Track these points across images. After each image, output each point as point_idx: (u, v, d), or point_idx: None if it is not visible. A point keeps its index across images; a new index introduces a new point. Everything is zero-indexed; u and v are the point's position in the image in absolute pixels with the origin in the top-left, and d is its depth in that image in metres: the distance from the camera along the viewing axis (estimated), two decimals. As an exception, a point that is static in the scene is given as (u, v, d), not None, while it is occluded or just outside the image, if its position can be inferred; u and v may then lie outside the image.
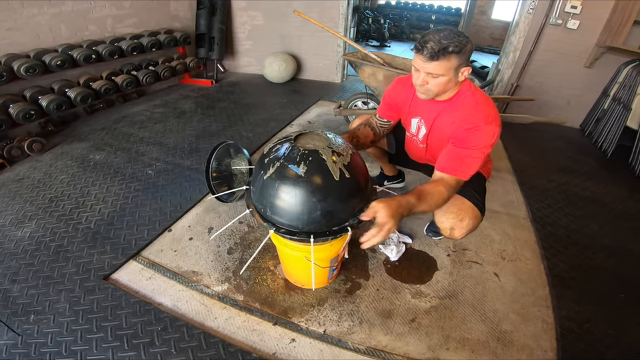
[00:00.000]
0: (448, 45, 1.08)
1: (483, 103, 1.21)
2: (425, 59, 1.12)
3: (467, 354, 1.28)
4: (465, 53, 1.12)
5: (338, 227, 1.08)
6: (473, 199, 1.38)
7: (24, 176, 2.33)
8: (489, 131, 1.17)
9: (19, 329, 1.31)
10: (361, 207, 1.14)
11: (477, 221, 1.38)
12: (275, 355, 1.25)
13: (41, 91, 2.83)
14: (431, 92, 1.22)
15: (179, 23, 4.07)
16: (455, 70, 1.15)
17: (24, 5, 2.80)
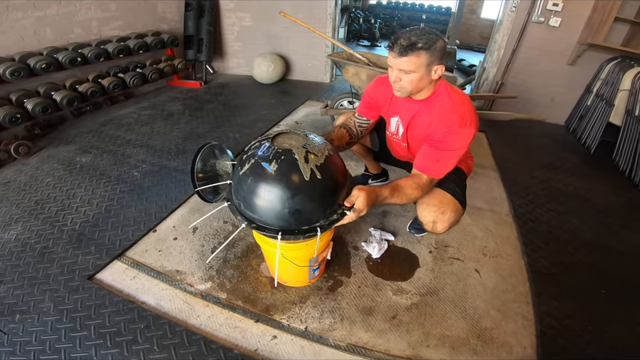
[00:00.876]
0: (417, 41, 1.12)
1: (459, 104, 1.24)
2: (396, 54, 1.15)
3: (447, 351, 1.30)
4: (435, 50, 1.15)
5: (308, 226, 1.09)
6: (453, 192, 1.42)
7: (10, 179, 2.32)
8: (464, 134, 1.21)
9: (5, 328, 1.32)
10: (335, 209, 1.14)
11: (459, 214, 1.42)
12: (257, 351, 1.27)
13: (26, 94, 2.81)
14: (405, 89, 1.25)
15: (167, 24, 4.07)
16: (426, 67, 1.17)
17: (8, 8, 2.79)
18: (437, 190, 1.41)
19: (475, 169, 2.47)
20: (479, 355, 1.28)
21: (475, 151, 2.75)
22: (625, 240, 1.94)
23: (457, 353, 1.29)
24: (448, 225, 1.39)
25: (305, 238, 1.11)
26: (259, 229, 1.09)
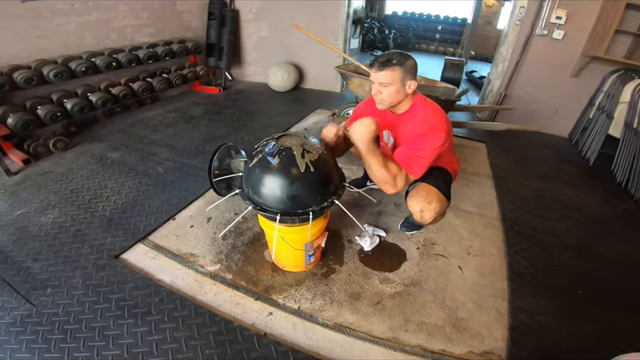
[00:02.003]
0: (392, 59, 1.38)
1: (431, 114, 1.46)
2: (376, 69, 1.41)
3: (423, 336, 1.44)
4: (407, 67, 1.40)
5: (302, 210, 1.30)
6: (438, 186, 1.63)
7: (48, 170, 2.63)
8: (434, 137, 1.42)
9: (35, 301, 1.54)
10: (326, 197, 1.35)
11: (444, 204, 1.63)
12: (254, 325, 1.46)
13: (66, 94, 3.15)
14: (385, 101, 1.47)
15: (192, 33, 4.40)
16: (401, 81, 1.41)
17: (53, 13, 3.14)
18: (423, 184, 1.64)
19: (470, 176, 2.63)
20: (452, 343, 1.42)
21: (472, 160, 2.90)
22: (610, 247, 2.03)
23: (432, 339, 1.43)
24: (434, 213, 1.59)
25: (300, 220, 1.32)
26: (262, 211, 1.31)
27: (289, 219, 1.32)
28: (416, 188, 1.64)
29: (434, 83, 2.96)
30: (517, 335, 1.45)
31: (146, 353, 1.30)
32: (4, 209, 2.16)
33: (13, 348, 1.31)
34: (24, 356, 1.28)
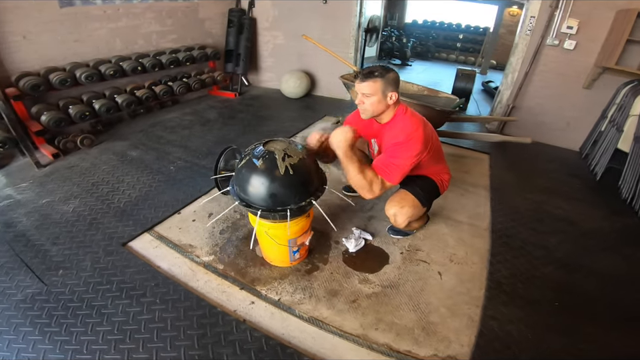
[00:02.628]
0: (374, 71, 1.50)
1: (409, 125, 1.55)
2: (359, 81, 1.53)
3: (392, 336, 1.51)
4: (388, 79, 1.51)
5: (281, 207, 1.43)
6: (415, 193, 1.74)
7: (74, 164, 2.91)
8: (410, 146, 1.51)
9: (47, 280, 1.73)
10: (304, 197, 1.47)
11: (417, 209, 1.73)
12: (236, 311, 1.60)
13: (95, 95, 3.46)
14: (368, 111, 1.58)
15: (212, 39, 4.67)
16: (382, 92, 1.52)
17: (89, 19, 3.46)
18: (402, 190, 1.77)
19: (467, 187, 2.65)
20: (418, 345, 1.48)
21: (473, 171, 2.92)
22: (600, 261, 2.00)
23: (400, 340, 1.49)
24: (406, 217, 1.69)
25: (280, 216, 1.45)
26: (247, 207, 1.46)
27: (269, 215, 1.47)
28: (394, 193, 1.74)
29: (436, 93, 3.02)
30: (483, 342, 1.49)
31: (134, 330, 1.46)
32: (31, 197, 2.43)
33: (19, 322, 1.48)
34: (27, 329, 1.45)
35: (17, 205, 2.35)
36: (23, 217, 2.22)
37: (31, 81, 3.00)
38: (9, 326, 1.47)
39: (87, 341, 1.41)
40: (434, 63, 7.93)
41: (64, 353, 1.36)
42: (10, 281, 1.70)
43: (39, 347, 1.38)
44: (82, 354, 1.36)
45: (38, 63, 3.22)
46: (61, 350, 1.37)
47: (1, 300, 1.59)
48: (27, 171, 2.79)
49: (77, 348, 1.38)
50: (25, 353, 1.36)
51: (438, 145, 1.78)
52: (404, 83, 3.15)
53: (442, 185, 1.89)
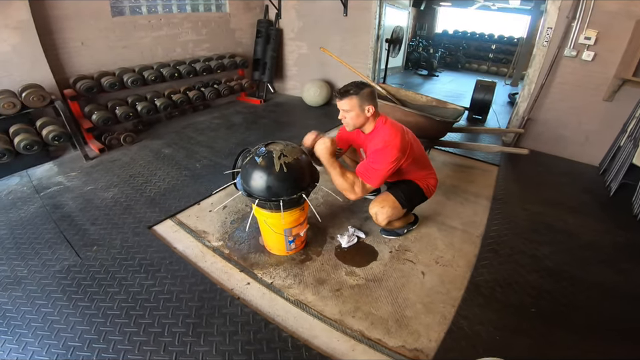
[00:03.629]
0: (349, 89, 1.69)
1: (387, 134, 1.73)
2: (338, 99, 1.73)
3: (366, 324, 1.65)
4: (363, 95, 1.68)
5: (275, 198, 1.66)
6: (396, 195, 1.91)
7: (116, 158, 3.35)
8: (387, 152, 1.68)
9: (82, 255, 2.07)
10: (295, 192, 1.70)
11: (396, 210, 1.89)
12: (233, 290, 1.84)
13: (138, 98, 3.93)
14: (349, 124, 1.78)
15: (242, 48, 5.08)
16: (359, 107, 1.71)
17: (135, 28, 3.95)
18: (385, 192, 1.95)
19: (469, 196, 2.73)
20: (389, 335, 1.61)
21: (478, 182, 2.97)
22: (592, 273, 2.01)
23: (373, 328, 1.64)
24: (386, 216, 1.87)
25: (274, 206, 1.70)
26: (248, 196, 1.71)
27: (266, 204, 1.71)
28: (377, 195, 1.91)
29: (444, 105, 3.10)
30: (450, 339, 1.58)
31: (144, 300, 1.74)
32: (78, 184, 2.86)
33: (52, 290, 1.80)
34: (57, 296, 1.76)
35: (66, 190, 2.79)
36: (70, 200, 2.63)
37: (86, 84, 3.51)
38: (42, 292, 1.78)
39: (104, 307, 1.70)
40: (463, 74, 7.87)
41: (82, 316, 1.64)
42: (52, 254, 2.06)
43: (64, 311, 1.67)
44: (97, 317, 1.63)
45: (92, 67, 3.73)
46: (81, 314, 1.65)
47: (41, 270, 1.94)
48: (77, 162, 3.26)
49: (95, 313, 1.66)
50: (51, 316, 1.64)
51: (419, 151, 1.92)
52: (414, 94, 3.28)
53: (428, 189, 2.02)
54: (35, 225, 2.33)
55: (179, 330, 1.57)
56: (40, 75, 3.33)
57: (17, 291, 1.78)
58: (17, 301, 1.71)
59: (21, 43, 3.17)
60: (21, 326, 1.58)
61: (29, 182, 2.93)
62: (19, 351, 1.48)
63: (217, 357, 1.45)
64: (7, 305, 1.69)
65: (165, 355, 1.46)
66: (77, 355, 1.46)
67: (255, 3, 5.03)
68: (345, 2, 4.30)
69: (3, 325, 1.58)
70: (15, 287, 1.81)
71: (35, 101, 3.02)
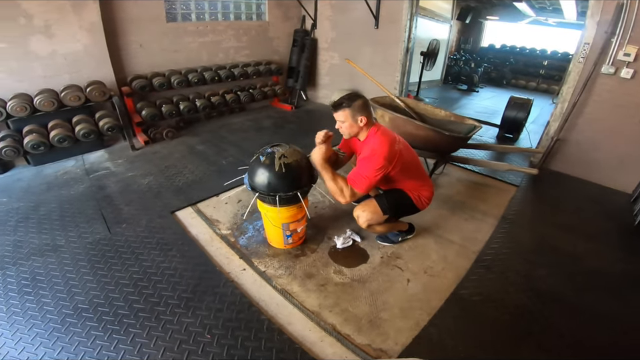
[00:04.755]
0: (342, 102, 1.84)
1: (377, 143, 1.83)
2: (333, 111, 1.88)
3: (340, 320, 1.76)
4: (355, 107, 1.81)
5: (273, 193, 1.87)
6: (380, 202, 2.01)
7: (157, 151, 3.78)
8: (373, 160, 1.79)
9: (112, 231, 2.40)
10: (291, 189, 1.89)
11: (377, 215, 2.00)
12: (229, 273, 2.06)
13: (182, 98, 4.39)
14: (346, 133, 1.92)
15: (278, 56, 5.41)
16: (352, 118, 1.84)
17: (186, 33, 4.42)
18: (370, 198, 2.06)
19: (476, 213, 2.72)
20: (359, 332, 1.69)
21: (490, 200, 2.93)
22: (588, 299, 1.93)
23: (345, 324, 1.74)
24: (366, 219, 1.99)
25: (271, 200, 1.90)
26: (251, 190, 1.94)
27: (265, 198, 1.93)
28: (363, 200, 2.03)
29: (462, 120, 3.09)
30: (415, 345, 1.62)
31: (152, 273, 2.01)
32: (122, 171, 3.30)
33: (80, 259, 2.12)
34: (82, 264, 2.07)
35: (111, 174, 3.23)
36: (112, 183, 3.06)
37: (141, 83, 4.03)
38: (72, 260, 2.10)
39: (118, 276, 1.98)
40: (507, 91, 7.48)
41: (98, 283, 1.92)
42: (88, 227, 2.43)
43: (84, 277, 1.97)
44: (109, 285, 1.91)
45: (147, 68, 4.25)
46: (97, 281, 1.94)
47: (76, 240, 2.30)
48: (124, 151, 3.75)
49: (108, 281, 1.95)
50: (72, 280, 1.93)
51: (411, 162, 1.98)
52: (432, 108, 3.30)
53: (419, 200, 2.06)
54: (80, 201, 2.76)
55: (173, 302, 1.81)
56: (103, 72, 3.88)
57: (51, 257, 2.12)
58: (48, 267, 2.05)
59: (91, 43, 3.73)
60: (44, 288, 1.88)
61: (82, 165, 3.44)
62: (34, 301, 1.79)
63: (199, 328, 1.66)
64: (40, 269, 2.02)
65: (155, 321, 1.70)
66: (81, 316, 1.71)
67: (293, 13, 5.36)
68: (376, 15, 4.44)
69: (30, 287, 1.89)
70: (51, 253, 2.16)
71: (96, 95, 3.55)
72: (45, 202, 2.75)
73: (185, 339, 1.61)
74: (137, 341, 1.58)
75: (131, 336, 1.61)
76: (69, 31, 3.59)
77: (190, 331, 1.65)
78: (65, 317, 1.70)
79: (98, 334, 1.62)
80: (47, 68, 3.57)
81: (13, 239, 2.29)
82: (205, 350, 1.56)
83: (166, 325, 1.67)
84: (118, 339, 1.59)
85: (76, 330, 1.63)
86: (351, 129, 1.88)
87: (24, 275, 1.97)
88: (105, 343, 1.57)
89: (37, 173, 3.30)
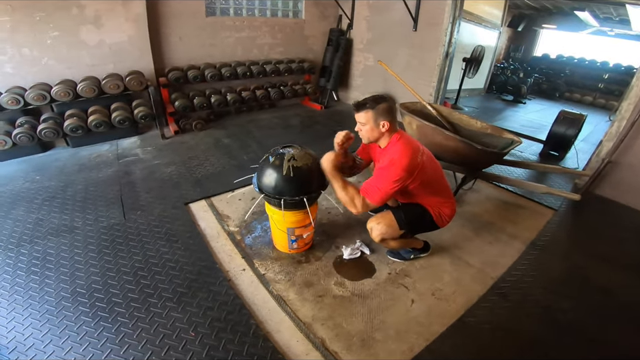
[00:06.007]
0: (365, 103, 1.68)
1: (397, 152, 1.66)
2: (355, 111, 1.72)
3: (331, 335, 1.65)
4: (379, 110, 1.65)
5: (278, 196, 1.80)
6: (397, 215, 1.86)
7: (184, 141, 3.89)
8: (391, 171, 1.63)
9: (127, 216, 2.47)
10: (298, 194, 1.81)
11: (392, 229, 1.85)
12: (228, 272, 2.02)
13: (214, 91, 4.49)
14: (365, 137, 1.77)
15: (312, 55, 5.36)
16: (374, 121, 1.68)
17: (223, 28, 4.51)
18: (386, 210, 1.92)
19: (503, 236, 2.48)
20: (348, 351, 1.58)
21: (522, 223, 2.67)
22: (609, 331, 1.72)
23: (335, 340, 1.63)
24: (379, 233, 1.84)
25: (276, 203, 1.83)
26: (259, 190, 1.88)
27: (270, 200, 1.87)
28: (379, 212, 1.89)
29: (501, 133, 2.84)
30: None
31: (153, 264, 2.02)
32: (149, 158, 3.42)
33: (91, 242, 2.18)
34: (92, 247, 2.12)
35: (139, 161, 3.36)
36: (138, 170, 3.17)
37: (176, 74, 4.17)
38: (83, 243, 2.17)
39: (121, 263, 2.02)
40: (559, 104, 6.82)
41: (100, 268, 1.97)
42: (106, 212, 2.52)
43: (90, 261, 2.01)
44: (111, 271, 1.95)
45: (184, 61, 4.39)
46: (100, 266, 1.98)
47: (92, 223, 2.38)
48: (155, 139, 3.89)
49: (111, 267, 1.98)
50: (78, 264, 1.99)
51: (434, 176, 1.81)
52: (468, 118, 3.07)
53: (440, 218, 1.90)
54: (105, 185, 2.89)
55: (167, 295, 1.81)
56: (144, 63, 4.07)
57: (65, 239, 2.21)
58: (60, 247, 2.13)
59: (135, 34, 3.92)
60: (51, 269, 1.95)
61: (115, 150, 3.61)
62: (37, 282, 1.86)
63: (185, 325, 1.64)
64: (51, 250, 2.11)
65: (145, 313, 1.70)
66: (77, 300, 1.75)
67: (330, 12, 5.28)
68: (415, 17, 4.23)
69: (38, 267, 1.96)
70: (66, 234, 2.26)
71: (134, 85, 3.72)
72: (73, 183, 2.91)
73: (169, 333, 1.59)
74: (121, 331, 1.59)
75: (117, 325, 1.62)
76: (116, 22, 3.79)
77: (176, 326, 1.63)
78: (62, 299, 1.75)
79: (86, 319, 1.65)
80: (94, 57, 3.80)
81: (35, 216, 2.43)
82: (185, 347, 1.54)
83: (154, 318, 1.67)
84: (104, 327, 1.61)
85: (67, 314, 1.67)
86: (372, 133, 1.73)
87: (36, 255, 2.06)
88: (91, 329, 1.60)
89: (73, 154, 3.51)
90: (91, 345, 1.52)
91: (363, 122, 1.71)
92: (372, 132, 1.72)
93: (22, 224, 2.35)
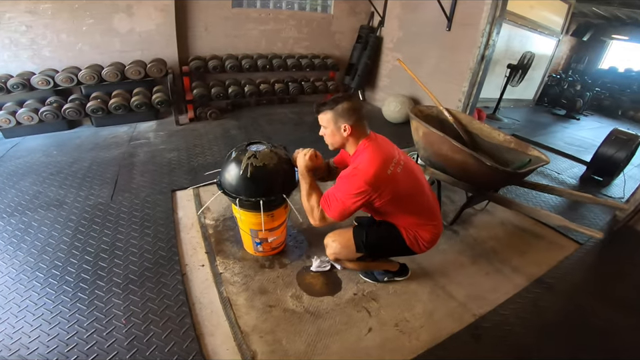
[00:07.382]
0: (325, 103, 1.47)
1: (362, 161, 1.43)
2: (315, 113, 1.53)
3: (266, 349, 1.51)
4: (338, 111, 1.43)
5: (234, 194, 1.69)
6: (357, 234, 1.65)
7: (195, 129, 3.94)
8: (352, 181, 1.41)
9: (114, 197, 2.50)
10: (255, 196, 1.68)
11: (347, 250, 1.65)
12: (187, 266, 1.95)
13: (233, 82, 4.49)
14: (329, 142, 1.56)
15: (339, 51, 5.16)
16: (334, 124, 1.47)
17: (248, 20, 4.50)
18: (346, 229, 1.69)
19: (503, 268, 2.18)
20: None
21: (532, 256, 2.35)
22: None
23: (269, 356, 1.48)
24: (333, 251, 1.66)
25: (232, 200, 1.73)
26: (218, 184, 1.79)
27: (229, 198, 1.74)
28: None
29: (525, 149, 2.44)
30: None
31: (117, 247, 2.03)
32: (157, 142, 3.50)
33: (72, 219, 2.24)
34: (71, 225, 2.18)
35: (147, 144, 3.45)
36: (142, 153, 3.25)
37: (196, 64, 4.23)
38: (64, 219, 2.23)
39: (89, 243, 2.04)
40: (620, 123, 5.84)
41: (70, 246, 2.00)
42: (97, 191, 2.59)
43: (64, 238, 2.06)
44: (77, 250, 1.98)
45: (208, 50, 4.45)
46: (70, 244, 2.02)
47: (81, 201, 2.45)
48: (169, 125, 3.99)
49: (79, 246, 2.02)
50: (52, 239, 2.05)
51: (410, 193, 1.54)
52: (490, 129, 2.69)
53: (415, 242, 1.61)
54: (107, 165, 2.99)
55: (116, 280, 1.79)
56: (170, 51, 4.19)
57: (51, 213, 2.30)
58: (44, 221, 2.21)
59: (162, 23, 4.04)
60: (27, 241, 2.02)
61: (131, 132, 3.75)
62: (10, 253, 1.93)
63: (121, 312, 1.61)
64: (35, 222, 2.19)
65: (87, 295, 1.69)
66: (34, 274, 1.80)
67: (361, 8, 5.04)
68: (450, 16, 3.85)
69: (17, 238, 2.04)
70: (54, 209, 2.34)
71: (155, 72, 3.83)
72: (81, 160, 3.05)
73: (101, 317, 1.57)
74: (58, 308, 1.60)
75: (58, 302, 1.63)
76: (145, 11, 3.93)
77: (111, 312, 1.61)
78: (21, 272, 1.81)
79: (33, 294, 1.67)
80: (124, 44, 3.99)
81: (37, 189, 2.57)
82: (111, 333, 1.50)
83: (94, 301, 1.66)
84: (45, 303, 1.63)
85: (20, 287, 1.72)
86: (333, 137, 1.51)
87: (21, 226, 2.16)
88: (32, 303, 1.62)
89: (94, 133, 3.71)
90: (26, 319, 1.55)
91: (324, 124, 1.51)
92: (333, 136, 1.51)
93: (22, 194, 2.50)
